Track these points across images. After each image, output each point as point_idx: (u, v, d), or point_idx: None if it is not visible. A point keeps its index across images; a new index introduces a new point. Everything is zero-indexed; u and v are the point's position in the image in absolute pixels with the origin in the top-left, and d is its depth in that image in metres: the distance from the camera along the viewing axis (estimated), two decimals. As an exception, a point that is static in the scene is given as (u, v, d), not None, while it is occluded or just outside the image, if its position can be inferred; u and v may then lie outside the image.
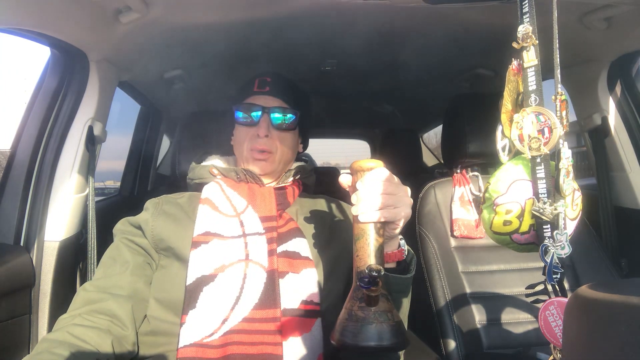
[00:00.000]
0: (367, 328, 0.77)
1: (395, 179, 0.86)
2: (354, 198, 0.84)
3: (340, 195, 1.26)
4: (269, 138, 1.18)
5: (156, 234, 1.08)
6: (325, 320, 1.01)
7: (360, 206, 0.82)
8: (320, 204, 1.24)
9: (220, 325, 0.96)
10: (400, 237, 0.93)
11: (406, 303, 1.01)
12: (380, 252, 0.82)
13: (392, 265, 0.92)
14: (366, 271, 0.77)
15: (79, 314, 0.99)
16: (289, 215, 1.15)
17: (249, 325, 0.96)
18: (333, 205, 1.26)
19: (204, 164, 1.27)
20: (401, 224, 0.86)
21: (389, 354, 0.95)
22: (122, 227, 1.14)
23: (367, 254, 0.82)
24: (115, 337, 0.98)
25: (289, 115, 1.21)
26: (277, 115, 1.19)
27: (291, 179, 1.24)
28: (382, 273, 0.78)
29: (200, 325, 0.96)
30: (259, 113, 1.18)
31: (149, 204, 1.16)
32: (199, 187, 1.18)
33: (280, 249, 1.06)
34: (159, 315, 1.03)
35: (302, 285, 1.03)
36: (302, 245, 1.09)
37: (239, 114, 1.21)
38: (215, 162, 1.28)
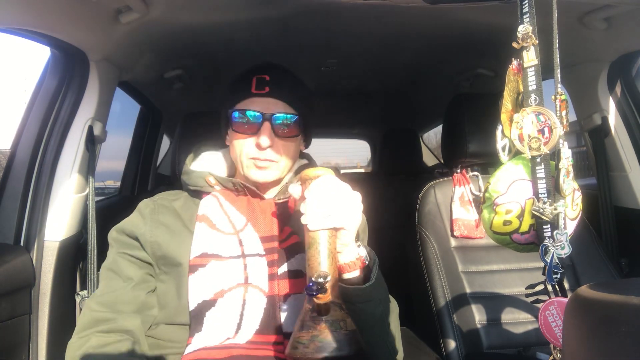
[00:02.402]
0: (319, 338, 0.75)
1: (344, 186, 0.84)
2: (302, 207, 0.83)
3: None
4: (272, 147, 1.04)
5: (156, 249, 1.04)
6: None
7: (308, 214, 0.81)
8: None
9: (225, 341, 0.97)
10: (358, 244, 0.91)
11: (379, 310, 0.94)
12: (332, 260, 0.81)
13: (353, 274, 0.89)
14: (313, 279, 0.76)
15: (92, 334, 0.97)
16: (290, 229, 1.08)
17: (253, 346, 0.96)
18: None
19: (198, 168, 1.15)
20: (352, 229, 0.84)
21: None
22: (117, 236, 1.08)
23: (318, 262, 0.80)
24: (131, 352, 0.96)
25: (292, 120, 1.06)
26: (280, 122, 1.04)
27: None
28: (328, 279, 0.76)
29: (206, 342, 0.97)
30: (260, 120, 1.03)
31: (145, 208, 1.10)
32: (195, 192, 1.13)
33: (281, 269, 1.01)
34: (164, 335, 1.01)
35: None
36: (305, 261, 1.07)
37: (236, 120, 1.05)
38: (210, 163, 1.19)
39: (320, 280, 0.76)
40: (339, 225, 0.82)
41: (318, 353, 0.74)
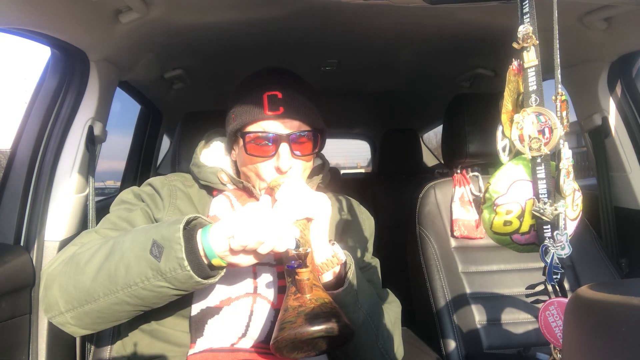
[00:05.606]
0: (305, 312, 0.72)
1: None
2: (275, 208, 0.87)
3: (344, 194, 1.25)
4: (292, 167, 1.01)
5: None
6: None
7: (282, 210, 0.86)
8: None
9: (229, 347, 0.96)
10: (333, 242, 0.94)
11: (361, 315, 0.94)
12: (309, 248, 0.84)
13: (330, 275, 0.91)
14: (293, 252, 0.77)
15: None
16: None
17: (259, 354, 0.95)
18: (343, 204, 1.22)
19: (209, 161, 1.13)
20: (323, 219, 0.89)
21: (333, 338, 0.79)
22: (140, 192, 1.08)
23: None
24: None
25: (308, 137, 1.02)
26: (298, 144, 1.01)
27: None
28: (308, 250, 0.79)
29: (209, 345, 0.95)
30: (276, 142, 0.99)
31: (162, 188, 1.07)
32: (205, 187, 1.11)
33: None
34: (163, 337, 0.98)
35: None
36: None
37: (250, 144, 1.00)
38: (222, 155, 1.16)
39: (300, 249, 0.77)
40: (310, 215, 0.87)
41: (306, 326, 0.70)
